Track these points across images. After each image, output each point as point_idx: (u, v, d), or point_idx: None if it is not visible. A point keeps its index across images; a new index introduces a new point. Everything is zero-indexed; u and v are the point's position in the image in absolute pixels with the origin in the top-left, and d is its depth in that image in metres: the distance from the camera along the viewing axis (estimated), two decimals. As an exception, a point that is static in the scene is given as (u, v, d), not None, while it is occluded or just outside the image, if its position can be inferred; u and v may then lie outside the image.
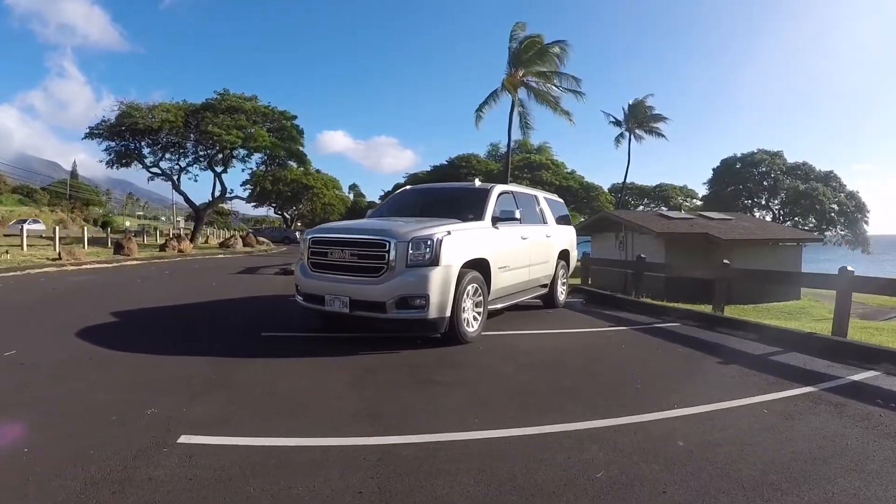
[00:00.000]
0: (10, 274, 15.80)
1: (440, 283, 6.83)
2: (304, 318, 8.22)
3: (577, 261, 13.73)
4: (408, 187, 10.73)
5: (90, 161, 37.43)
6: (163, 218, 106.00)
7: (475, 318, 7.62)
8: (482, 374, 5.99)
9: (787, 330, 8.74)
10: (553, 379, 5.89)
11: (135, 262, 22.43)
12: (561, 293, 11.45)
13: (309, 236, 7.82)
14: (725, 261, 11.26)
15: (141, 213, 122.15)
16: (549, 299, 10.97)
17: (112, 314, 9.28)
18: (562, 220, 11.66)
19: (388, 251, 6.85)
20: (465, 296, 7.25)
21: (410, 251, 6.83)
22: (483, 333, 7.72)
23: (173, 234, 35.38)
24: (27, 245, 24.16)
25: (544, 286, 10.66)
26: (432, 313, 6.80)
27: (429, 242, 6.86)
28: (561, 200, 12.59)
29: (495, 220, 8.42)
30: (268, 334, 7.90)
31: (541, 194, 11.21)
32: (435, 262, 6.83)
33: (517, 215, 8.53)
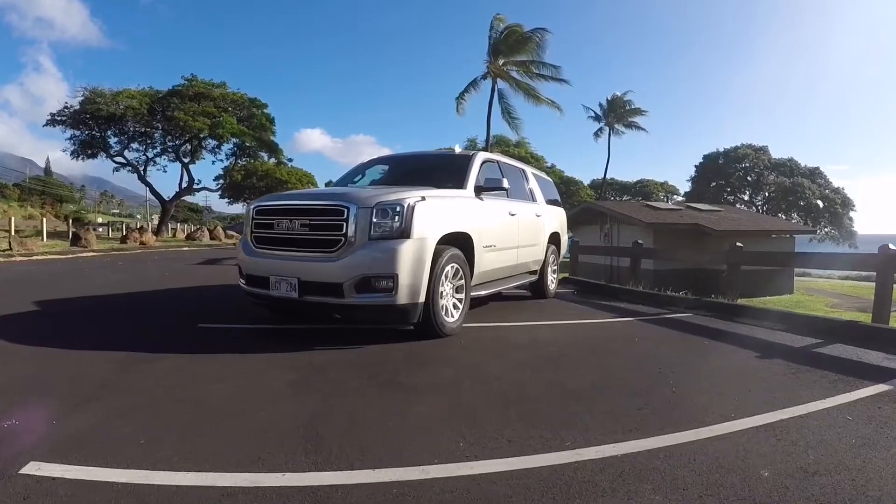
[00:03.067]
0: None
1: (412, 260, 5.48)
2: (253, 309, 6.81)
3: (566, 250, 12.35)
4: (375, 156, 9.29)
5: (66, 158, 36.07)
6: (138, 216, 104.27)
7: (455, 307, 6.29)
8: (465, 374, 4.66)
9: (821, 318, 7.57)
10: (558, 380, 4.57)
11: (90, 254, 20.96)
12: (551, 282, 10.12)
13: (253, 205, 6.45)
14: (739, 243, 9.98)
15: (116, 210, 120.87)
16: (538, 288, 9.63)
17: (35, 303, 8.08)
18: (552, 202, 10.33)
19: (347, 220, 5.49)
20: (443, 278, 5.93)
21: (375, 220, 5.48)
22: (464, 325, 6.42)
23: (135, 227, 33.90)
24: (-26, 237, 22.58)
25: (533, 273, 9.34)
26: (402, 298, 5.45)
27: (398, 209, 5.52)
28: (551, 180, 11.28)
29: (479, 190, 7.11)
30: (205, 325, 6.65)
31: (529, 169, 9.85)
32: (405, 233, 5.48)
33: (505, 185, 7.19)
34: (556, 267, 10.36)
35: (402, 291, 5.42)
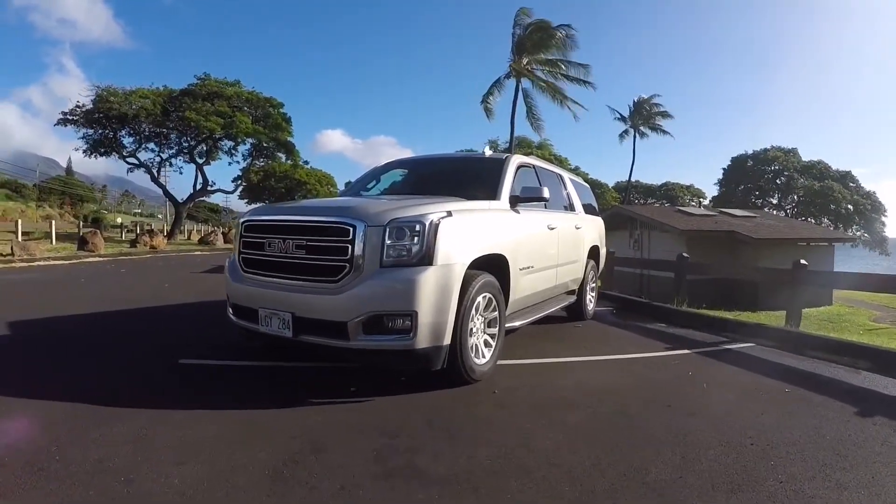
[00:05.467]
0: None
1: (435, 292, 4.32)
2: (253, 336, 5.60)
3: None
4: (393, 159, 8.10)
5: (89, 159, 35.45)
6: (159, 216, 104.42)
7: (487, 345, 5.12)
8: (507, 454, 3.47)
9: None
10: (631, 463, 3.37)
11: (95, 259, 20.09)
12: (590, 301, 8.92)
13: (242, 220, 5.31)
14: (802, 261, 8.70)
15: (138, 210, 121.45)
16: (576, 309, 8.42)
17: (12, 324, 7.21)
18: (589, 210, 9.12)
19: (353, 241, 4.35)
20: (473, 311, 4.78)
21: (388, 241, 4.33)
22: (498, 363, 5.28)
23: (146, 230, 33.05)
24: (-19, 240, 21.84)
25: (572, 293, 8.15)
26: (422, 341, 4.28)
27: (417, 228, 4.36)
28: (587, 185, 10.07)
29: (515, 201, 5.93)
30: (187, 361, 5.53)
31: (566, 174, 8.64)
32: (427, 258, 4.32)
33: (545, 194, 5.99)
34: (595, 284, 9.17)
35: (423, 332, 4.26)
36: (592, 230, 8.81)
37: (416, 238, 4.32)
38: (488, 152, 6.90)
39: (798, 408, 4.60)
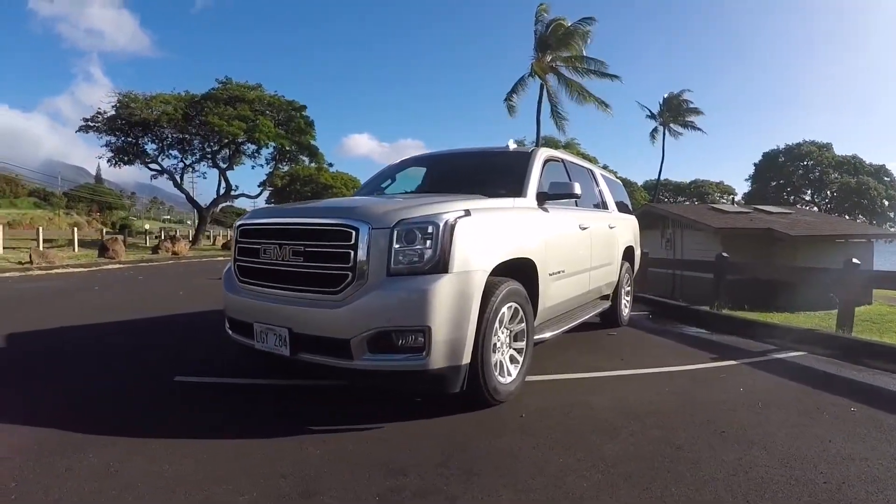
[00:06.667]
0: None
1: (452, 304, 3.72)
2: (253, 352, 5.09)
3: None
4: (410, 156, 7.49)
5: (113, 167, 35.66)
6: (188, 221, 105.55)
7: (513, 360, 4.51)
8: (532, 498, 2.87)
9: None
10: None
11: (114, 266, 19.83)
12: (625, 306, 8.27)
13: (237, 224, 4.77)
14: (854, 259, 7.94)
15: (167, 216, 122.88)
16: (610, 315, 7.77)
17: (6, 336, 6.78)
18: (622, 208, 8.46)
19: (356, 246, 3.76)
20: (497, 324, 4.17)
21: (397, 245, 3.75)
22: (526, 379, 4.67)
23: (168, 236, 33.00)
24: (3, 247, 21.71)
25: (605, 298, 7.51)
26: (437, 360, 3.68)
27: (430, 229, 3.77)
28: (619, 182, 9.41)
29: (543, 198, 5.32)
30: (183, 379, 5.00)
31: (597, 170, 7.99)
32: (442, 265, 3.73)
33: (576, 190, 5.35)
34: (629, 288, 8.50)
35: (438, 351, 3.67)
36: (626, 230, 8.17)
37: (428, 241, 3.73)
38: (513, 146, 6.27)
39: (868, 431, 3.94)
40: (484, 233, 4.12)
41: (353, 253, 3.75)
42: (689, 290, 17.02)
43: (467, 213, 3.98)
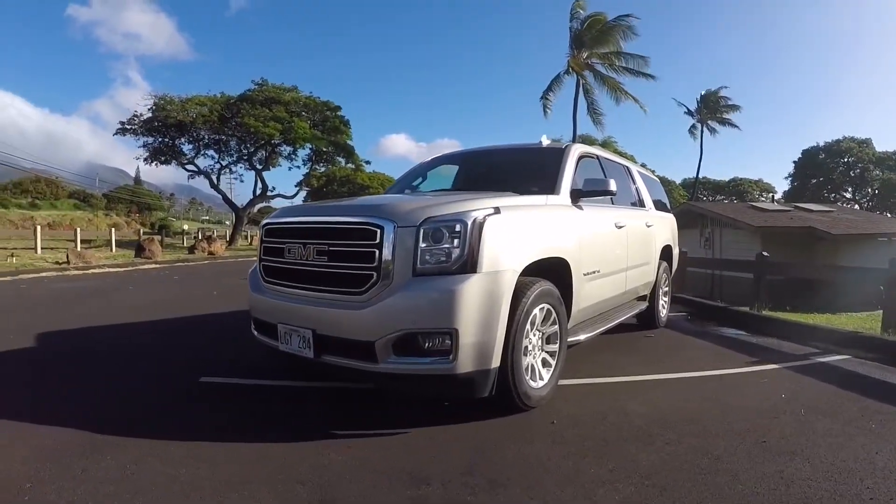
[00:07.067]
0: None
1: (480, 305, 3.56)
2: (279, 353, 4.99)
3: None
4: (441, 154, 7.34)
5: (158, 168, 36.45)
6: (226, 222, 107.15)
7: (545, 364, 4.33)
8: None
9: None
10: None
11: (150, 266, 20.03)
12: (663, 307, 8.01)
13: (264, 222, 4.67)
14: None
15: (206, 217, 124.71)
16: (647, 316, 7.54)
17: (36, 336, 6.76)
18: (660, 206, 8.22)
19: (381, 245, 3.62)
20: (528, 326, 3.99)
21: (423, 245, 3.60)
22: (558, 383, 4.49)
23: (205, 236, 33.39)
24: (42, 247, 22.10)
25: (643, 298, 7.28)
26: (464, 364, 3.52)
27: (457, 228, 3.60)
28: (657, 179, 9.16)
29: (577, 196, 5.12)
30: (208, 380, 4.93)
31: (634, 167, 7.77)
32: (470, 264, 3.57)
33: (612, 187, 5.13)
34: (667, 288, 8.25)
35: (465, 354, 3.50)
36: (664, 228, 7.93)
37: (455, 240, 3.58)
38: (546, 142, 6.08)
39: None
40: (514, 231, 3.96)
41: (377, 252, 3.62)
42: (728, 291, 16.63)
43: (497, 210, 3.82)
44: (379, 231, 3.63)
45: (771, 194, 69.32)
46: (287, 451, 3.36)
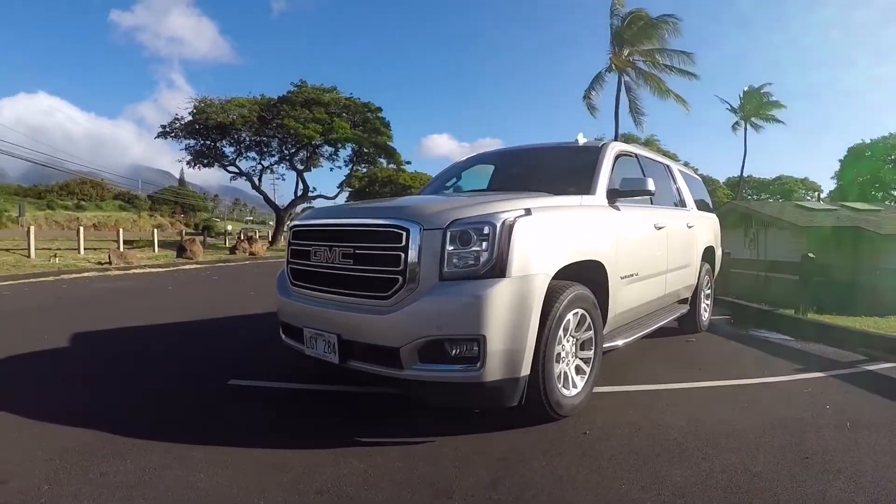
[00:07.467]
0: (37, 280, 14.44)
1: (509, 311, 3.41)
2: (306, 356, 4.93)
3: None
4: (475, 154, 7.19)
5: (192, 168, 37.16)
6: (270, 222, 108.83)
7: (579, 371, 4.16)
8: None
9: None
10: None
11: (190, 267, 20.35)
12: (705, 310, 7.75)
13: (292, 224, 4.60)
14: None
15: (249, 217, 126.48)
16: (689, 320, 7.29)
17: (72, 336, 6.79)
18: (702, 206, 7.95)
19: (406, 248, 3.50)
20: (560, 332, 3.82)
21: (450, 248, 3.46)
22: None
23: (246, 236, 33.76)
24: (85, 248, 22.52)
25: (683, 301, 7.04)
26: (492, 372, 3.38)
27: (485, 230, 3.46)
28: (698, 178, 8.88)
29: (614, 196, 4.93)
30: (236, 383, 4.89)
31: (675, 165, 7.52)
32: (499, 268, 3.42)
33: (650, 187, 4.93)
34: (709, 291, 7.99)
35: (493, 362, 3.36)
36: (706, 229, 7.67)
37: (484, 243, 3.44)
38: (582, 140, 5.90)
39: None
40: (546, 233, 3.80)
41: (403, 255, 3.50)
42: (773, 293, 16.20)
43: (527, 212, 3.67)
44: (404, 233, 3.52)
45: (817, 193, 67.60)
46: (308, 458, 3.27)
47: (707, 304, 7.88)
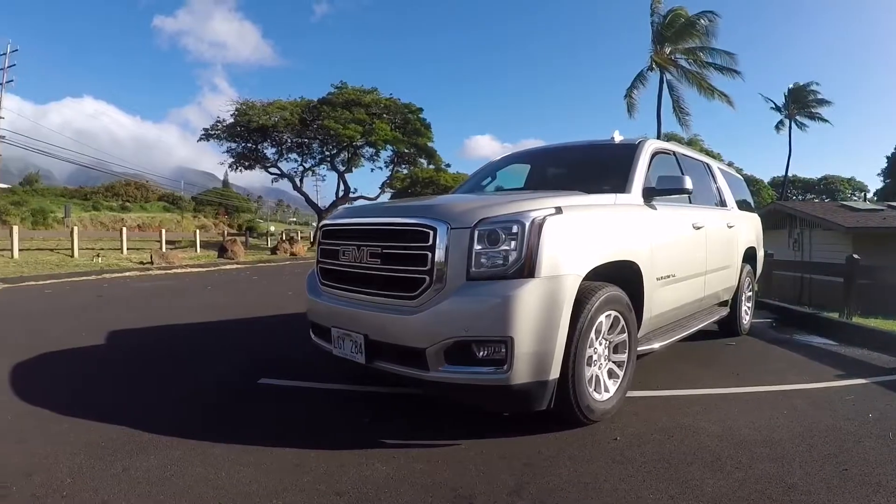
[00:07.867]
0: (79, 279, 14.80)
1: (538, 312, 3.32)
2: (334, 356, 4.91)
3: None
4: (510, 152, 7.10)
5: (234, 172, 37.80)
6: (313, 223, 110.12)
7: (612, 375, 4.05)
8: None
9: None
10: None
11: (230, 267, 20.62)
12: (745, 313, 7.51)
13: (322, 223, 4.59)
14: None
15: (293, 218, 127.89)
16: (729, 323, 7.09)
17: (108, 334, 6.90)
18: (743, 206, 7.73)
19: (433, 247, 3.44)
20: (592, 335, 3.72)
21: (478, 247, 3.39)
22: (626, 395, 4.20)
23: (287, 237, 34.16)
24: (127, 248, 22.98)
25: (724, 304, 6.84)
26: (520, 374, 3.29)
27: (514, 230, 3.38)
28: (740, 177, 8.66)
29: (650, 194, 4.80)
30: (267, 382, 4.91)
31: (715, 164, 7.32)
32: (528, 269, 3.33)
33: (687, 185, 4.78)
34: (751, 293, 7.76)
35: (521, 364, 3.28)
36: (748, 229, 7.45)
37: (512, 242, 3.36)
38: (618, 138, 5.77)
39: None
40: (577, 233, 3.70)
41: (430, 255, 3.44)
42: (817, 295, 15.80)
43: (558, 210, 3.58)
44: (432, 233, 3.45)
45: (863, 193, 65.87)
46: (331, 459, 3.23)
47: (748, 307, 7.65)
